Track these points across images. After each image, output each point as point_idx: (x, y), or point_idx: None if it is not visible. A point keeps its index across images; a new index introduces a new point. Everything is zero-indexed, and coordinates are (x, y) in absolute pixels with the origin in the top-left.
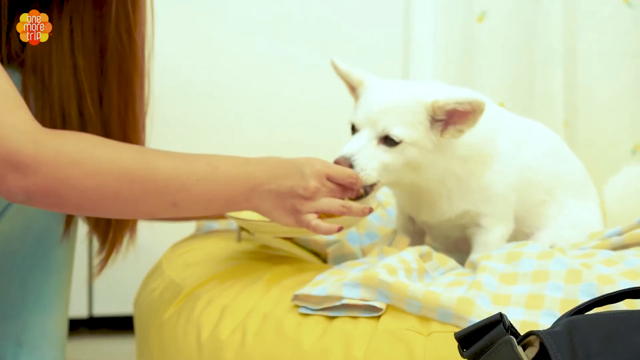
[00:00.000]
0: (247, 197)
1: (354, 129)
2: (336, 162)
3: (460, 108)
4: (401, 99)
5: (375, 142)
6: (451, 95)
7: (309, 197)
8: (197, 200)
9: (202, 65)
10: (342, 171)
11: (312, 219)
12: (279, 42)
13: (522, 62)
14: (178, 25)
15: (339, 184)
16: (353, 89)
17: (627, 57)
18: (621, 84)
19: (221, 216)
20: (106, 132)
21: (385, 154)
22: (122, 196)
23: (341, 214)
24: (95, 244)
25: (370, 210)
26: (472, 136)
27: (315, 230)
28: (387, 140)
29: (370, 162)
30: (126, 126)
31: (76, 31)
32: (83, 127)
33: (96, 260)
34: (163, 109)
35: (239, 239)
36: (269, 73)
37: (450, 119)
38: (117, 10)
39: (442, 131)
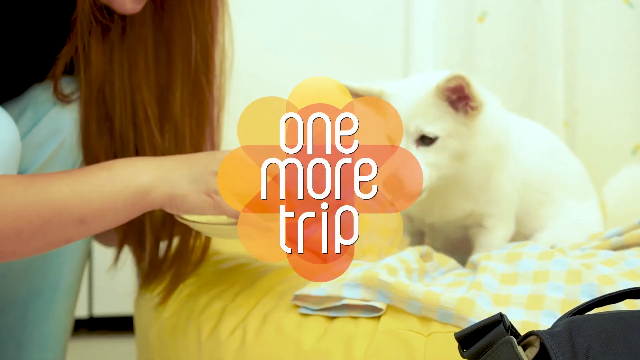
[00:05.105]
0: (155, 186)
1: None
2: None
3: (452, 85)
4: (418, 95)
5: (413, 147)
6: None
7: None
8: (104, 207)
9: None
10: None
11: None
12: (279, 42)
13: (522, 62)
14: None
15: None
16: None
17: (628, 57)
18: (621, 84)
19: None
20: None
21: (428, 154)
22: (25, 235)
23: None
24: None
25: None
26: (492, 121)
27: (223, 212)
28: (425, 140)
29: None
30: (199, 141)
31: (138, 62)
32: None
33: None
34: None
35: None
36: (268, 73)
37: (460, 96)
38: (196, 35)
39: (464, 111)
